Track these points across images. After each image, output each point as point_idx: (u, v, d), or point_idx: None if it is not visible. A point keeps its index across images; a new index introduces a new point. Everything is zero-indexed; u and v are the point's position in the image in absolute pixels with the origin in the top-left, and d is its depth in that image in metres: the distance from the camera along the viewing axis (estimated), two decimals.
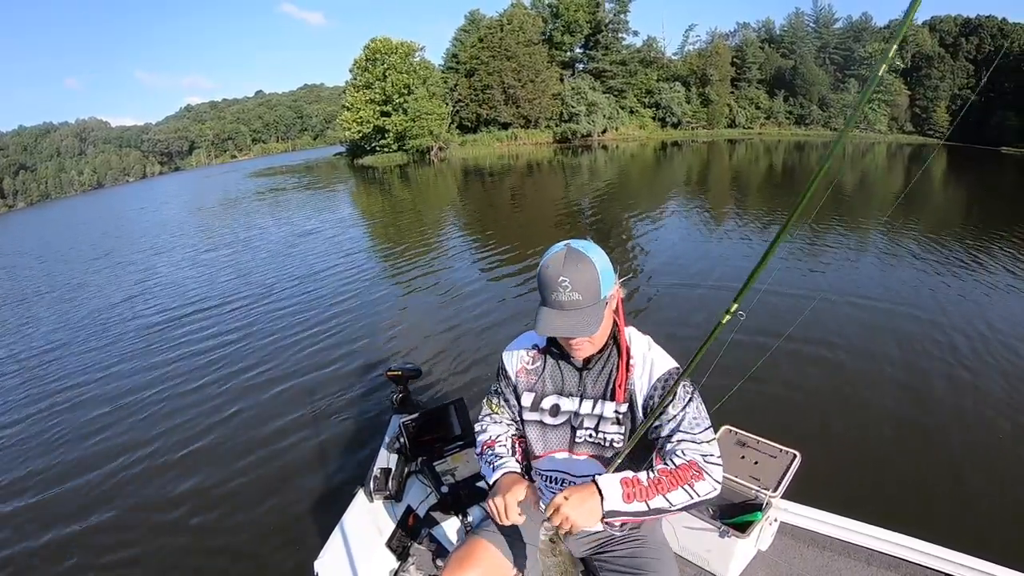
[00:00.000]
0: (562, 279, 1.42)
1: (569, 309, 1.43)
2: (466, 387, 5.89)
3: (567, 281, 1.42)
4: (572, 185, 24.27)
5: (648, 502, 1.40)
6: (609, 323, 1.57)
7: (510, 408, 1.80)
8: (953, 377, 5.56)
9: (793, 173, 26.15)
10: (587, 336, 1.47)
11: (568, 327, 1.44)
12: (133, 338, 9.03)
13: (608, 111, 47.89)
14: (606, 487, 1.40)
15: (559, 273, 1.42)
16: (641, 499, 1.40)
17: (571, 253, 1.44)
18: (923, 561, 2.34)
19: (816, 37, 49.42)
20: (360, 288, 10.31)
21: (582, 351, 1.58)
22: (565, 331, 1.45)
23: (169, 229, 23.04)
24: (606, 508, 1.38)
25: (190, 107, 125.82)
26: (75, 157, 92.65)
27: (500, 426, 1.82)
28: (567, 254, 1.44)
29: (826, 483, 3.65)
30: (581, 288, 1.42)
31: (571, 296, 1.42)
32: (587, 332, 1.44)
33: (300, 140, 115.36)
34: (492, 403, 1.84)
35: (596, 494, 1.39)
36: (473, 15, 51.34)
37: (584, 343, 1.54)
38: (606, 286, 1.47)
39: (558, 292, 1.43)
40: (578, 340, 1.53)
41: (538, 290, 1.49)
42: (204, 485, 4.88)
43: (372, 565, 2.48)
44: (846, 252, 10.47)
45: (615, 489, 1.40)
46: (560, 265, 1.43)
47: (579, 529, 1.36)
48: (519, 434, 1.81)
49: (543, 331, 1.46)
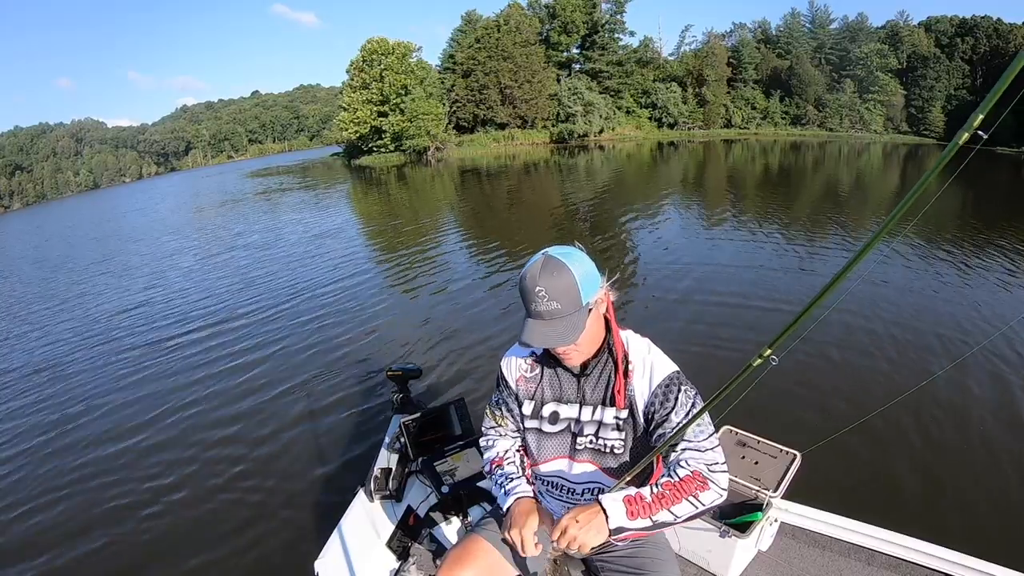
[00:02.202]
0: (539, 289, 1.41)
1: (549, 319, 1.43)
2: (466, 387, 5.89)
3: (543, 291, 1.41)
4: (569, 185, 24.27)
5: (652, 517, 1.42)
6: (600, 328, 1.57)
7: (514, 418, 1.79)
8: (953, 377, 5.56)
9: (789, 174, 26.21)
10: (569, 344, 1.47)
11: (549, 337, 1.43)
12: (132, 337, 9.00)
13: (604, 111, 47.90)
14: (610, 506, 1.42)
15: (535, 284, 1.41)
16: (645, 515, 1.42)
17: (548, 262, 1.42)
18: (923, 561, 2.35)
19: (812, 37, 49.60)
20: (359, 288, 10.30)
21: (571, 359, 1.57)
22: (546, 341, 1.44)
23: (168, 230, 22.98)
24: (611, 526, 1.40)
25: (186, 108, 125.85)
26: (71, 158, 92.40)
27: (506, 440, 1.82)
28: (543, 263, 1.42)
29: (826, 483, 3.65)
30: (558, 296, 1.41)
31: (549, 305, 1.41)
32: (568, 341, 1.44)
33: (296, 141, 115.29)
34: (496, 414, 1.83)
35: (601, 513, 1.41)
36: (470, 15, 51.33)
37: (571, 351, 1.53)
38: (588, 292, 1.45)
39: (536, 303, 1.42)
40: (566, 353, 1.54)
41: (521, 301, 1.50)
42: (203, 484, 4.86)
43: (372, 565, 2.48)
44: (843, 252, 10.50)
45: (619, 507, 1.42)
46: (536, 276, 1.42)
47: (587, 549, 1.39)
48: (524, 444, 1.81)
49: (526, 342, 1.46)
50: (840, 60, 46.48)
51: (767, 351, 1.14)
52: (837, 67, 46.65)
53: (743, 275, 9.22)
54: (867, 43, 44.79)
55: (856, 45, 45.34)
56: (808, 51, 48.49)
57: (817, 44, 48.78)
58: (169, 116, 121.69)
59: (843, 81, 45.19)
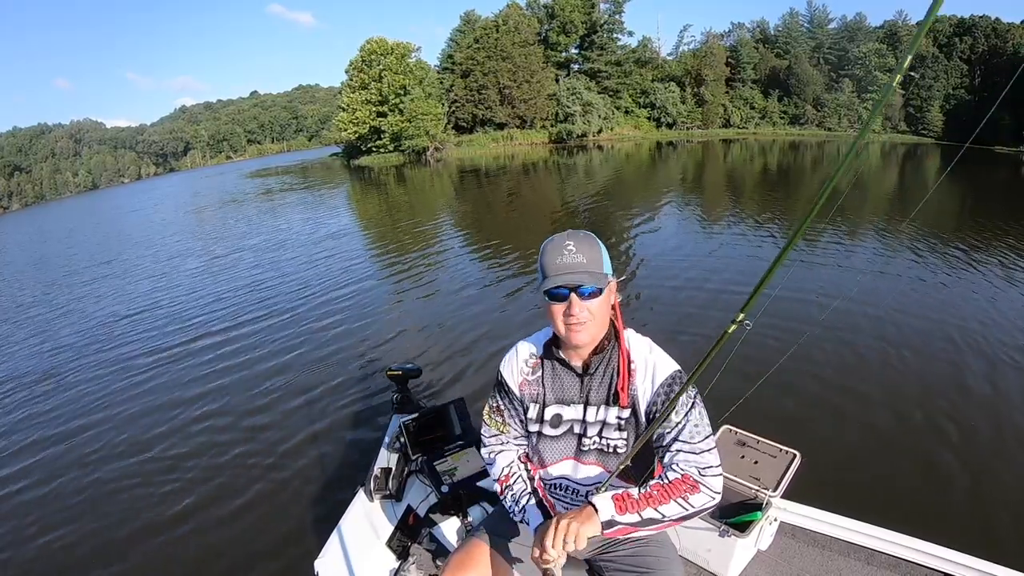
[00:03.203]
0: (568, 243, 1.47)
1: (573, 271, 1.46)
2: (466, 387, 5.89)
3: (572, 245, 1.47)
4: (568, 185, 24.29)
5: (640, 513, 1.44)
6: (607, 316, 1.56)
7: (517, 423, 1.76)
8: (953, 376, 5.57)
9: (788, 173, 26.24)
10: (594, 287, 1.46)
11: (575, 276, 1.45)
12: (131, 336, 9.00)
13: (603, 111, 47.95)
14: (598, 502, 1.46)
15: (564, 240, 1.48)
16: (633, 511, 1.44)
17: (575, 231, 1.51)
18: (923, 561, 2.35)
19: (810, 37, 49.68)
20: (359, 289, 10.29)
21: (580, 332, 1.51)
22: (572, 278, 1.45)
23: (167, 231, 22.97)
24: (602, 518, 1.42)
25: (185, 108, 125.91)
26: (70, 158, 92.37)
27: (508, 452, 1.79)
28: (570, 231, 1.51)
29: (826, 483, 3.66)
30: (585, 252, 1.47)
31: (575, 258, 1.46)
32: (592, 282, 1.45)
33: (295, 141, 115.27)
34: (496, 421, 1.79)
35: (591, 508, 1.45)
36: (469, 16, 51.37)
37: (586, 321, 1.50)
38: (608, 265, 1.51)
39: (563, 256, 1.46)
40: (579, 318, 1.48)
41: (540, 270, 1.51)
42: (203, 485, 4.85)
43: (372, 565, 2.48)
44: (843, 253, 10.52)
45: (607, 503, 1.45)
46: (564, 235, 1.50)
47: (583, 540, 1.39)
48: (527, 450, 1.79)
49: (553, 280, 1.46)
50: (838, 60, 46.55)
51: (740, 316, 1.19)
52: (835, 67, 46.73)
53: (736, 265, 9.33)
54: (865, 43, 44.90)
55: (854, 45, 45.43)
56: (806, 51, 48.56)
57: (815, 44, 48.86)
58: (168, 117, 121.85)
59: (841, 81, 45.29)
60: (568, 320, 1.50)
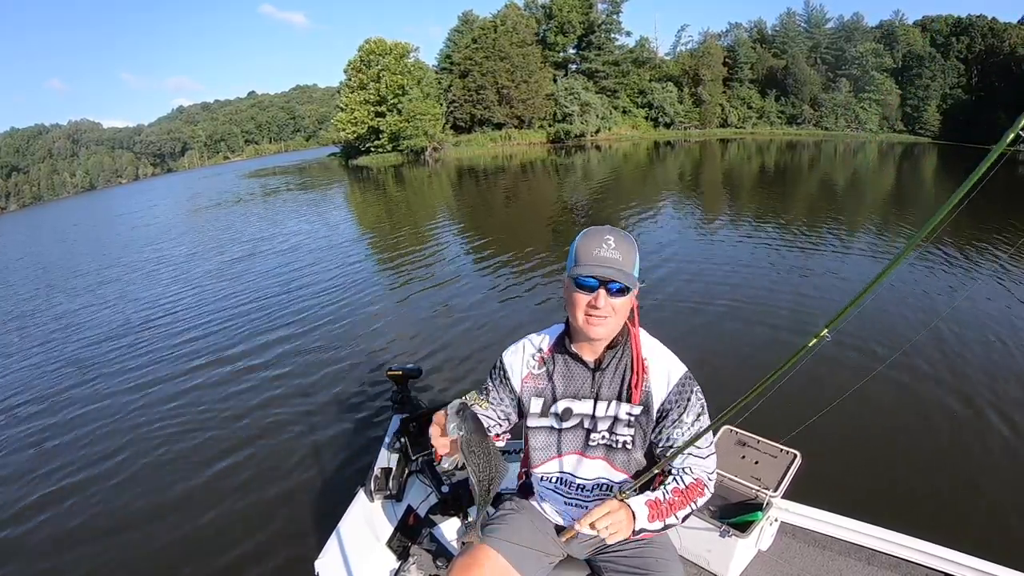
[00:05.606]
0: (608, 237, 1.47)
1: (608, 265, 1.45)
2: (466, 387, 5.86)
3: (612, 240, 1.47)
4: (566, 185, 24.29)
5: (665, 521, 1.55)
6: (626, 317, 1.56)
7: (501, 407, 1.74)
8: (954, 376, 5.57)
9: (785, 172, 26.27)
10: (623, 285, 1.45)
11: (609, 271, 1.44)
12: (130, 335, 8.99)
13: (601, 111, 47.94)
14: (638, 509, 1.51)
15: (604, 234, 1.48)
16: (661, 519, 1.54)
17: (615, 228, 1.51)
18: (923, 561, 2.35)
19: (808, 37, 49.64)
20: (359, 289, 10.28)
21: (599, 326, 1.50)
22: (606, 272, 1.44)
23: (167, 231, 22.92)
24: (637, 527, 1.50)
25: (182, 108, 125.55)
26: (67, 159, 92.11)
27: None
28: (610, 227, 1.52)
29: (826, 483, 3.65)
30: (622, 251, 1.47)
31: (613, 254, 1.46)
32: (624, 281, 1.44)
33: (293, 141, 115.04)
34: (479, 399, 1.75)
35: (629, 513, 1.50)
36: (467, 16, 51.33)
37: (608, 318, 1.49)
38: (638, 270, 1.51)
39: (601, 248, 1.46)
40: (602, 312, 1.48)
41: (573, 255, 1.50)
42: (203, 485, 4.84)
43: (372, 565, 2.48)
44: (841, 251, 10.54)
45: (643, 511, 1.52)
46: (604, 229, 1.50)
47: (613, 540, 1.46)
48: (498, 433, 1.76)
49: (586, 269, 1.45)
50: (836, 59, 46.54)
51: (823, 331, 1.19)
52: (833, 66, 46.71)
53: (740, 273, 9.29)
54: (863, 42, 44.88)
55: (852, 44, 45.41)
56: (804, 51, 48.54)
57: (813, 44, 48.83)
58: (165, 117, 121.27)
59: (839, 80, 45.27)
60: (590, 312, 1.49)
